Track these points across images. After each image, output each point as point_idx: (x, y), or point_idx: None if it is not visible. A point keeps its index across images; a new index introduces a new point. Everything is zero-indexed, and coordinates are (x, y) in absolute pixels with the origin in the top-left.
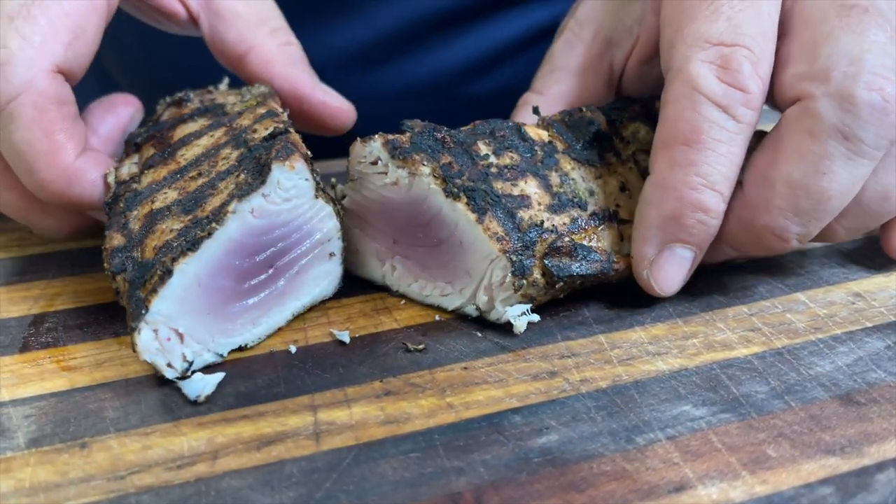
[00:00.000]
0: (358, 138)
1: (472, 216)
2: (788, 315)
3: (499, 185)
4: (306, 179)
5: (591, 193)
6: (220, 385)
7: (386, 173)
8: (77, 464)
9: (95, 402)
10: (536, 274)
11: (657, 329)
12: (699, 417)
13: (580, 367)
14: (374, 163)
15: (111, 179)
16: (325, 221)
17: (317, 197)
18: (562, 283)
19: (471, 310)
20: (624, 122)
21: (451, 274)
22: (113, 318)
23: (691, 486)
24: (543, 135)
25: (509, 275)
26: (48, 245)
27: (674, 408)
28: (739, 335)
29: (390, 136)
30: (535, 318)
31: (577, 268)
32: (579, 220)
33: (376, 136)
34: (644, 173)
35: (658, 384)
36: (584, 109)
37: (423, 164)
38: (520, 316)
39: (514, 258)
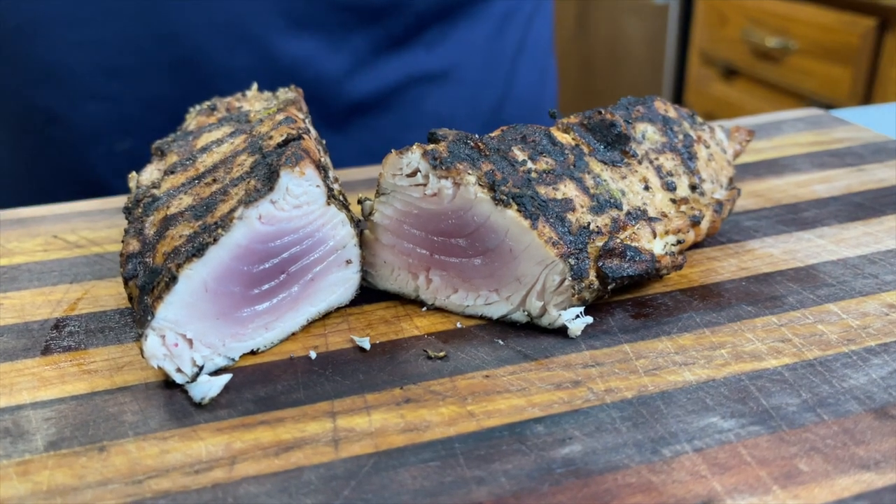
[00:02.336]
0: (393, 150)
1: (525, 222)
2: (820, 326)
3: (542, 190)
4: (317, 186)
5: (623, 193)
6: (239, 390)
7: (425, 185)
8: (95, 467)
9: (115, 406)
10: (592, 276)
11: (684, 339)
12: (727, 430)
13: (604, 376)
14: (412, 174)
15: (133, 185)
16: (338, 228)
17: (329, 203)
18: (613, 284)
19: (520, 316)
20: (633, 123)
21: (497, 282)
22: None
23: (719, 499)
24: (567, 138)
25: (567, 279)
26: (73, 250)
27: (701, 419)
28: (769, 346)
29: (429, 147)
30: (589, 319)
31: (628, 269)
32: (618, 220)
33: (414, 146)
34: (659, 173)
35: (685, 395)
36: (602, 111)
37: (468, 174)
38: (574, 319)
39: (572, 262)
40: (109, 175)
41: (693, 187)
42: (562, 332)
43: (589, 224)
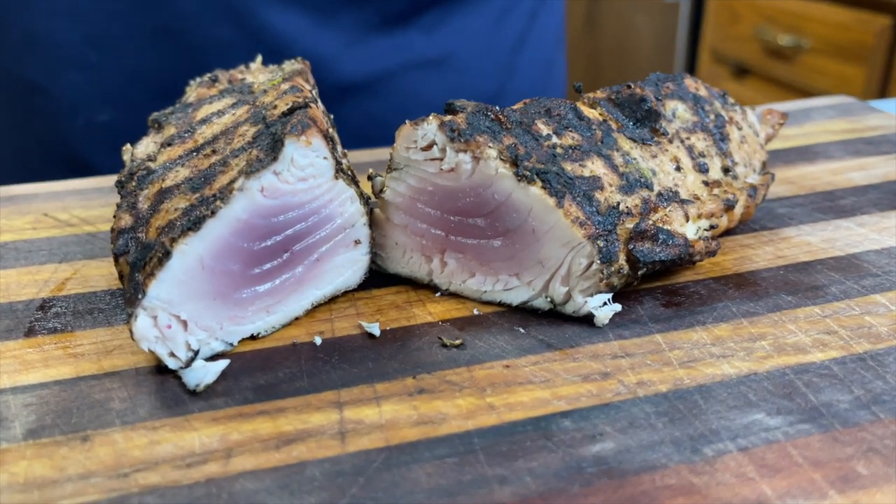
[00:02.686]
0: (407, 121)
1: (551, 200)
2: (868, 318)
3: (568, 167)
4: (325, 158)
5: (654, 173)
6: (237, 377)
7: (442, 159)
8: (77, 458)
9: (101, 392)
10: (622, 260)
11: (720, 329)
12: (774, 427)
13: (636, 368)
14: (428, 148)
15: (127, 157)
16: (346, 205)
17: (337, 178)
18: (644, 270)
19: (542, 303)
20: (663, 100)
21: (518, 265)
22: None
23: None
24: (594, 113)
25: (595, 262)
26: (63, 229)
27: (744, 416)
28: (813, 338)
29: (446, 118)
30: (617, 307)
31: (661, 253)
32: (648, 201)
33: (430, 117)
34: (690, 153)
35: (725, 389)
36: (631, 86)
37: (489, 147)
38: (602, 306)
39: (601, 244)
40: (89, 149)
41: (726, 170)
42: (587, 320)
43: (618, 204)
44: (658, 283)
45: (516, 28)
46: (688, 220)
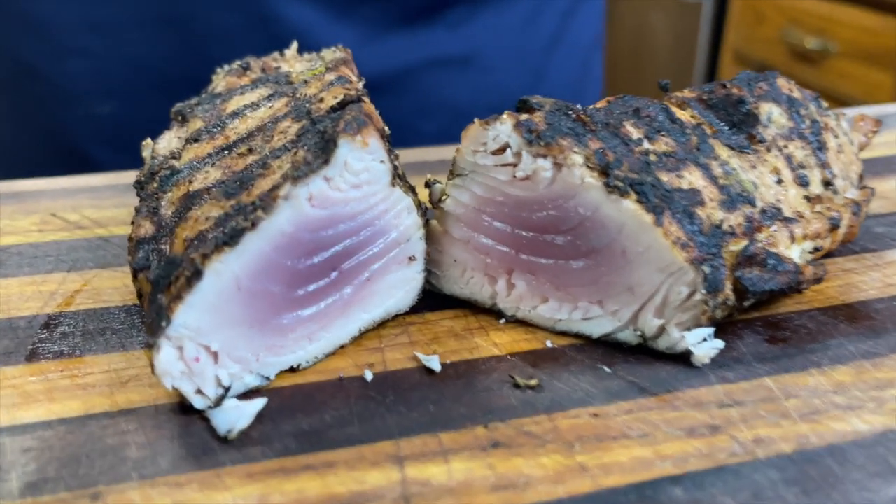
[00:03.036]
0: (476, 120)
1: (647, 217)
2: None
3: (664, 177)
4: (381, 161)
5: (755, 186)
6: (276, 420)
7: (516, 165)
8: None
9: (115, 436)
10: (728, 289)
11: (840, 373)
12: None
13: (749, 421)
14: (500, 151)
15: (147, 154)
16: (403, 216)
17: (394, 185)
18: (752, 301)
19: (629, 336)
20: (756, 102)
21: (602, 292)
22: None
23: None
24: (685, 115)
25: (699, 291)
26: (73, 231)
27: (890, 486)
28: None
29: (522, 117)
30: (720, 344)
31: (771, 282)
32: (752, 219)
33: (504, 115)
34: (789, 163)
35: (861, 451)
36: (727, 85)
37: (574, 152)
38: (701, 343)
39: (706, 270)
40: (89, 141)
41: (826, 183)
42: (682, 358)
43: (721, 222)
44: (756, 315)
45: (549, 27)
46: (793, 242)
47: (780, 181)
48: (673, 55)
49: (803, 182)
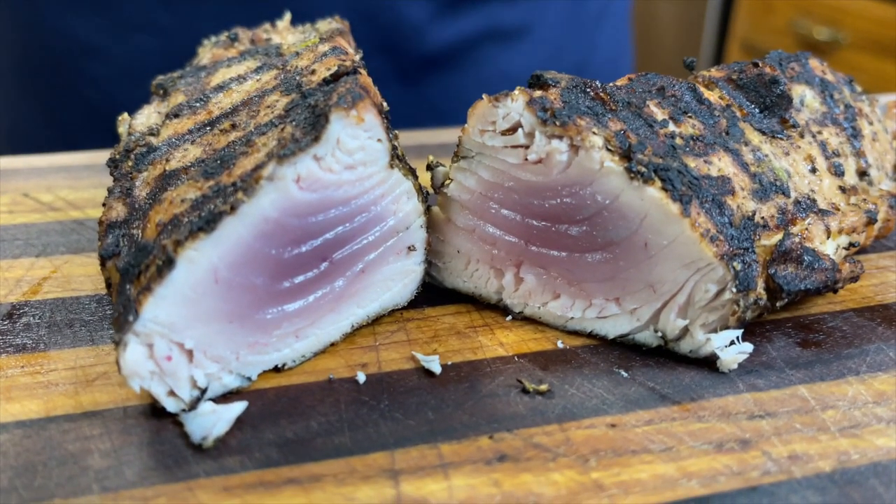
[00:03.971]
0: (484, 96)
1: (674, 207)
2: None
3: (692, 163)
4: (379, 140)
5: (789, 175)
6: (257, 427)
7: (528, 146)
8: None
9: (77, 442)
10: (760, 288)
11: (880, 382)
12: None
13: (783, 434)
14: (510, 131)
15: (123, 130)
16: (402, 202)
17: (392, 166)
18: (785, 301)
19: (648, 337)
20: (789, 84)
21: (620, 288)
22: None
23: None
24: (714, 96)
25: (729, 290)
26: (45, 213)
27: None
28: None
29: (535, 93)
30: (748, 347)
31: (806, 280)
32: (785, 211)
33: (516, 91)
34: (823, 151)
35: None
36: (759, 64)
37: (593, 133)
38: (728, 346)
39: (737, 266)
40: None
41: (862, 173)
42: (707, 363)
43: (753, 214)
44: (786, 315)
45: (597, 2)
46: (828, 237)
47: (814, 170)
48: (679, 44)
49: (838, 171)
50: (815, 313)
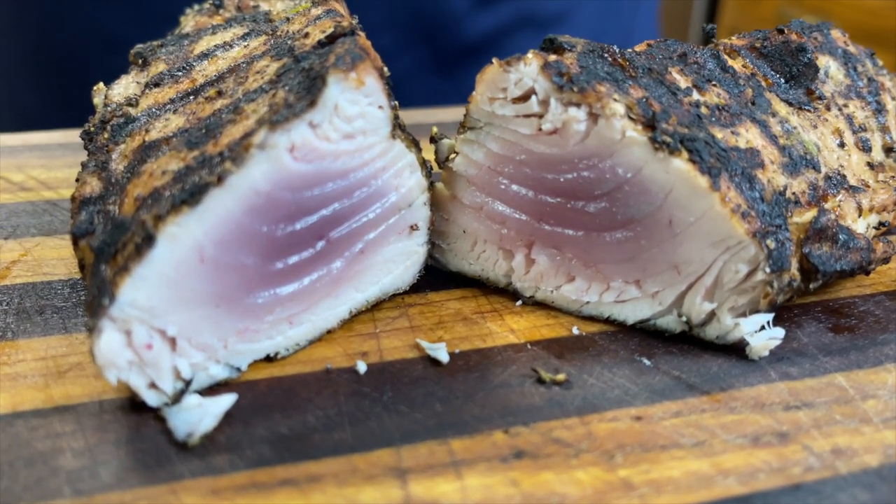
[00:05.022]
0: (494, 60)
1: (702, 180)
2: None
3: (719, 134)
4: (380, 107)
5: (818, 149)
6: (248, 422)
7: (542, 115)
8: None
9: (47, 440)
10: (794, 268)
11: None
12: None
13: (823, 427)
14: (523, 99)
15: (98, 100)
16: (404, 176)
17: (394, 137)
18: (820, 283)
19: (671, 322)
20: (814, 53)
21: (641, 269)
22: None
23: None
24: (738, 65)
25: (762, 270)
26: (16, 194)
27: None
28: None
29: (550, 58)
30: (780, 333)
31: (841, 260)
32: (816, 186)
33: (529, 54)
34: (850, 124)
35: None
36: (784, 30)
37: (614, 100)
38: (758, 331)
39: (771, 244)
40: None
41: (889, 150)
42: (734, 350)
43: (784, 189)
44: (814, 299)
45: None
46: (859, 215)
47: (842, 144)
48: (666, 34)
49: (865, 147)
50: (844, 297)
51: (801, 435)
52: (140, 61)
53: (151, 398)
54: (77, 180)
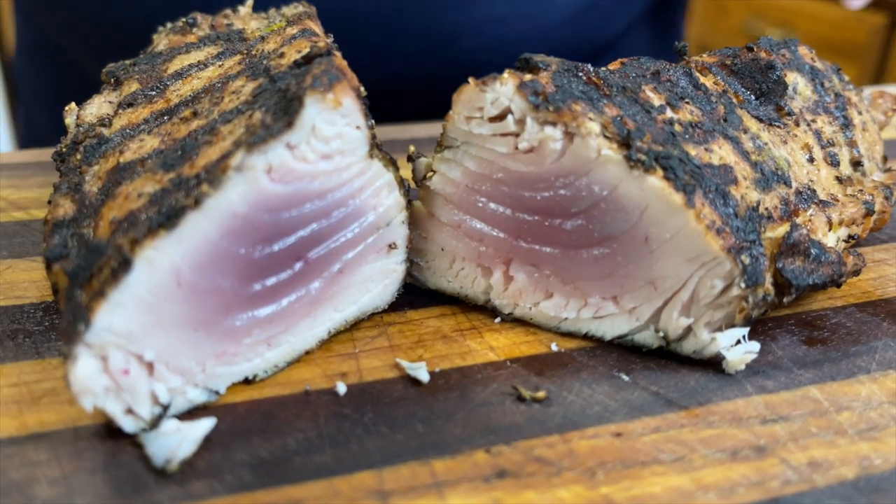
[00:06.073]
0: (470, 79)
1: (677, 197)
2: None
3: (692, 151)
4: (357, 127)
5: (789, 164)
6: (228, 446)
7: (518, 134)
8: None
9: (22, 469)
10: (768, 283)
11: (892, 380)
12: None
13: (799, 440)
14: (499, 118)
15: (70, 121)
16: (382, 196)
17: (371, 157)
18: (793, 297)
19: (648, 338)
20: (782, 70)
21: (618, 286)
22: None
23: None
24: (709, 82)
25: (737, 285)
26: None
27: None
28: None
29: (525, 77)
30: (755, 347)
31: (814, 274)
32: (788, 201)
33: (505, 75)
34: (819, 140)
35: None
36: (753, 48)
37: (589, 119)
38: (734, 346)
39: (745, 260)
40: None
41: (856, 164)
42: (710, 364)
43: (758, 205)
44: (787, 312)
45: None
46: (829, 229)
47: (811, 159)
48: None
49: (834, 161)
50: (816, 309)
51: (778, 448)
52: (112, 80)
53: (128, 424)
54: (49, 202)
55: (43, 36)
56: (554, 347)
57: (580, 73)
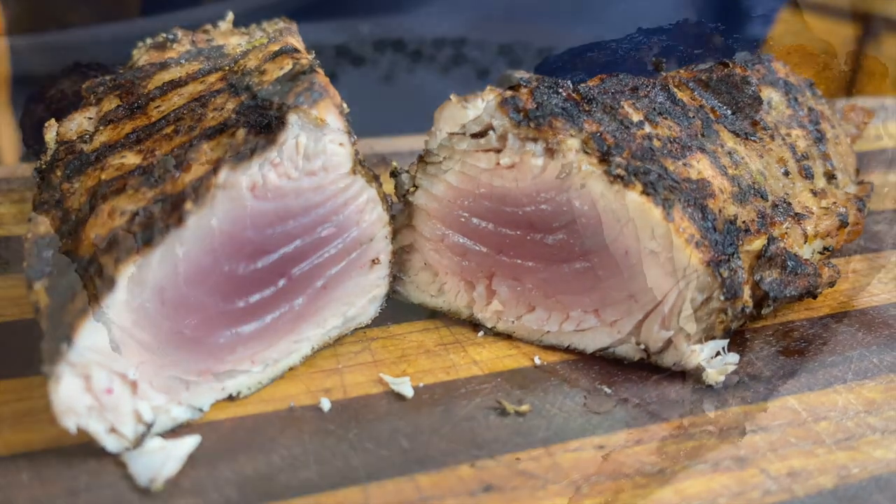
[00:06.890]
0: (452, 96)
1: (657, 211)
2: None
3: (671, 165)
4: (341, 144)
5: (764, 178)
6: (213, 464)
7: (500, 150)
8: None
9: (4, 489)
10: (746, 295)
11: (868, 390)
12: None
13: (778, 449)
14: (481, 134)
15: (50, 137)
16: (366, 212)
17: (355, 172)
18: (770, 308)
19: (629, 350)
20: (757, 85)
21: (599, 299)
22: None
23: None
24: (686, 97)
25: (716, 298)
26: None
27: None
28: None
29: (507, 93)
30: (734, 359)
31: (791, 286)
32: (765, 214)
33: (486, 90)
34: (793, 153)
35: None
36: (728, 63)
37: (570, 135)
38: (714, 357)
39: (724, 273)
40: None
41: (830, 176)
42: (690, 376)
43: (735, 218)
44: (764, 323)
45: None
46: (805, 241)
47: (787, 173)
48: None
49: (808, 174)
50: (793, 320)
51: (758, 459)
52: (92, 97)
53: (112, 443)
54: (30, 220)
55: None
56: (537, 360)
57: (560, 90)
